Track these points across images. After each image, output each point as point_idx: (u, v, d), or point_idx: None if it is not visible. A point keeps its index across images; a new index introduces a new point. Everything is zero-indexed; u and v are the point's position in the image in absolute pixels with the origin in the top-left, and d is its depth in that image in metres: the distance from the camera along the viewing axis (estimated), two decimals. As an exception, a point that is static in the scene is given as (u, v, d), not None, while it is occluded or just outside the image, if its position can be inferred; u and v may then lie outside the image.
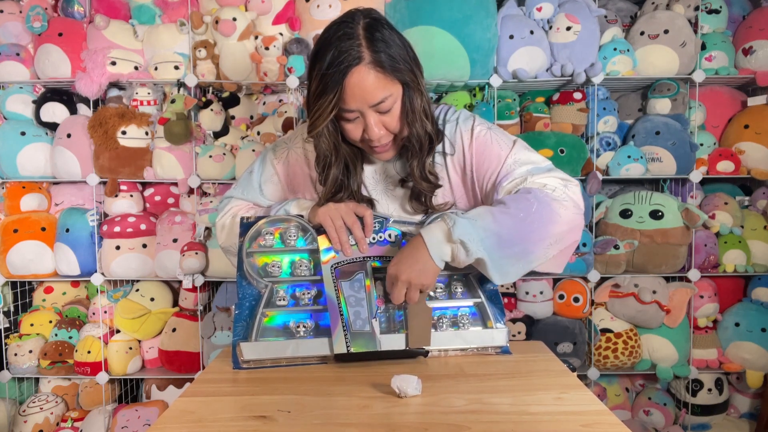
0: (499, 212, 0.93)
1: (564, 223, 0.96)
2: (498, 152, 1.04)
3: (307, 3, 2.07)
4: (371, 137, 0.98)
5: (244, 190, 1.20)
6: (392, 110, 0.97)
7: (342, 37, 0.92)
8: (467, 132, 1.07)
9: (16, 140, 2.13)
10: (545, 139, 2.10)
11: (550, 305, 2.18)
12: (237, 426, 0.76)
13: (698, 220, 2.03)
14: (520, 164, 1.02)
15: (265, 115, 2.24)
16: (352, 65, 0.91)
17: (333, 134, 1.01)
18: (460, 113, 1.11)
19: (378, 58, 0.92)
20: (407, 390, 0.83)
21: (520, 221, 0.92)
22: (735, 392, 2.28)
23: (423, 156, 1.03)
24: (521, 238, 0.93)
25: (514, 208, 0.93)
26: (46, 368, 2.14)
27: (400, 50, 0.95)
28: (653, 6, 2.20)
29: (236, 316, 1.00)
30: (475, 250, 0.91)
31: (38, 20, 2.09)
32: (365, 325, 0.97)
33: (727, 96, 2.30)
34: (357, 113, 0.96)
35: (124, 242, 2.13)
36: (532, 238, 0.94)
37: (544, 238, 0.95)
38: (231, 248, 1.16)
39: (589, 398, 0.83)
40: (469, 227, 0.91)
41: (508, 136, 1.08)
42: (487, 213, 0.94)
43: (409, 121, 0.99)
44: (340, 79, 0.91)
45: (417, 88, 0.99)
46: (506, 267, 0.94)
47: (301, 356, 0.99)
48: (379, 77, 0.93)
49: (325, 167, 1.05)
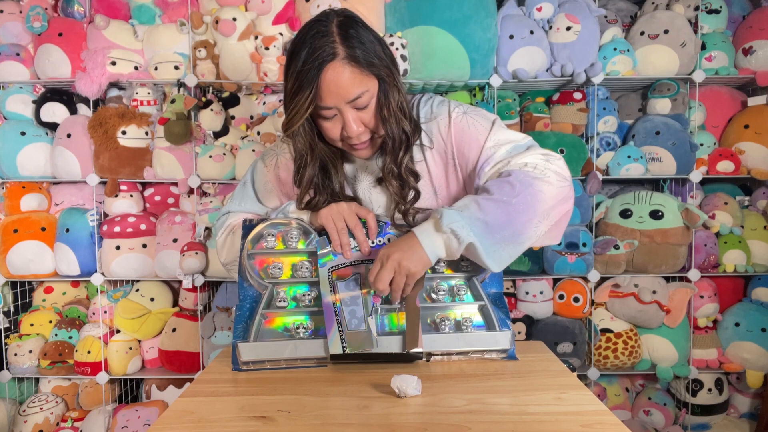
0: (483, 200, 0.94)
1: (549, 199, 0.96)
2: (477, 136, 1.03)
3: (307, 3, 2.07)
4: (350, 134, 0.98)
5: (240, 201, 1.20)
6: (369, 106, 0.97)
7: (315, 35, 0.92)
8: (444, 118, 1.06)
9: (16, 140, 2.13)
10: (545, 139, 2.10)
11: (550, 305, 2.18)
12: (237, 426, 0.76)
13: (698, 220, 2.03)
14: (500, 145, 1.02)
15: (265, 115, 2.24)
16: (326, 61, 0.91)
17: (309, 133, 1.01)
18: (433, 99, 1.10)
19: (353, 53, 0.92)
20: (407, 390, 0.83)
21: (505, 205, 0.92)
22: (735, 392, 2.28)
23: (398, 154, 1.03)
24: (508, 221, 0.93)
25: (497, 194, 0.94)
26: (46, 368, 2.14)
27: (374, 46, 0.95)
28: (653, 6, 2.20)
29: (236, 317, 1.00)
30: (465, 236, 0.91)
31: (38, 20, 2.09)
32: (361, 324, 0.97)
33: (727, 96, 2.30)
34: (335, 110, 0.96)
35: (124, 242, 2.13)
36: (519, 219, 0.93)
37: (531, 218, 0.95)
38: (233, 264, 1.15)
39: (589, 398, 0.83)
40: (457, 216, 0.92)
41: (485, 116, 1.06)
42: (471, 202, 0.94)
43: (384, 118, 0.99)
44: (316, 76, 0.91)
45: (393, 83, 0.98)
46: (499, 252, 0.94)
47: (300, 357, 0.98)
48: (354, 72, 0.93)
49: (300, 167, 1.04)
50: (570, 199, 1.01)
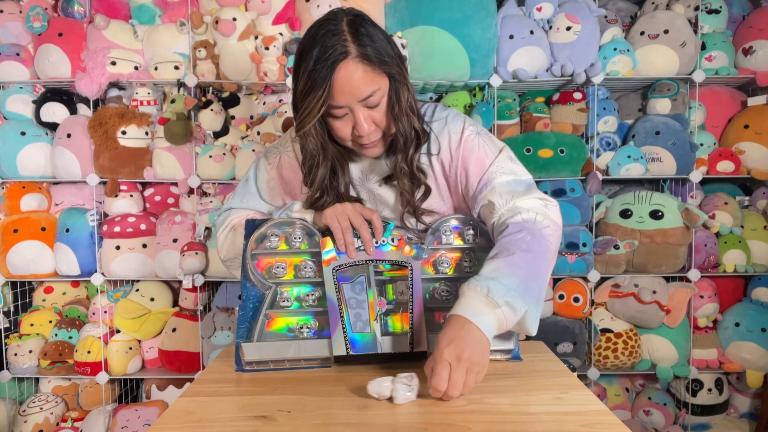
0: (509, 260, 0.90)
1: (555, 249, 0.98)
2: (483, 159, 1.04)
3: (307, 3, 2.07)
4: (361, 133, 0.97)
5: (242, 198, 1.19)
6: (380, 105, 0.97)
7: (326, 34, 0.92)
8: (456, 134, 1.06)
9: (16, 140, 2.13)
10: (545, 139, 2.10)
11: (550, 305, 2.18)
12: (237, 426, 0.76)
13: (698, 220, 2.03)
14: (502, 173, 1.02)
15: (265, 115, 2.24)
16: (339, 60, 0.90)
17: (320, 133, 1.00)
18: (449, 112, 1.10)
19: (364, 51, 0.92)
20: (385, 393, 0.82)
21: (531, 260, 0.91)
22: (735, 392, 2.28)
23: (409, 152, 1.03)
24: (538, 274, 0.92)
25: (517, 250, 0.91)
26: (46, 368, 2.14)
27: (384, 44, 0.95)
28: (653, 6, 2.20)
29: (240, 317, 1.00)
30: (519, 306, 0.86)
31: (38, 20, 2.09)
32: (366, 327, 0.97)
33: (727, 96, 2.30)
34: (346, 109, 0.96)
35: (124, 242, 2.13)
36: (542, 270, 0.94)
37: (550, 267, 0.96)
38: (234, 261, 1.15)
39: (589, 398, 0.83)
40: (500, 286, 0.87)
41: (495, 142, 1.07)
42: (502, 265, 0.90)
43: (396, 116, 0.99)
44: (329, 74, 0.91)
45: (403, 82, 0.99)
46: (539, 310, 0.92)
47: (304, 358, 0.98)
48: (366, 71, 0.93)
49: (312, 168, 1.04)
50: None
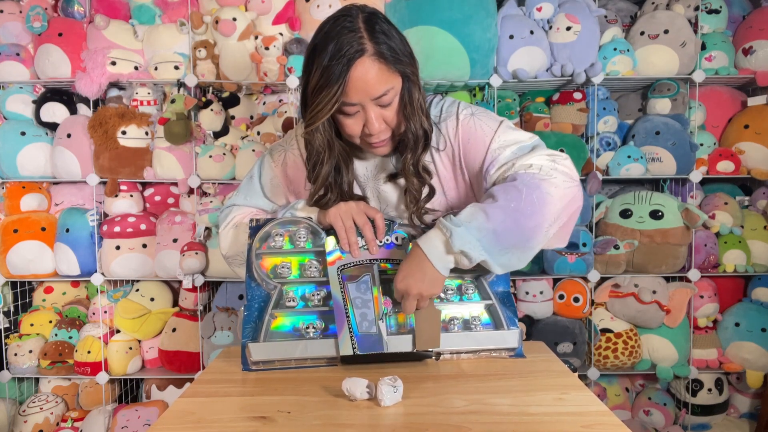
0: (490, 207, 0.91)
1: (557, 200, 0.93)
2: (483, 138, 1.02)
3: (307, 3, 2.07)
4: (371, 131, 0.97)
5: (246, 195, 1.19)
6: (393, 104, 0.97)
7: (342, 30, 0.91)
8: (452, 120, 1.05)
9: (16, 140, 2.13)
10: (545, 139, 2.04)
11: (550, 305, 2.18)
12: (237, 426, 0.76)
13: (698, 220, 2.03)
14: (506, 146, 1.00)
15: (265, 115, 2.24)
16: (355, 57, 0.90)
17: (328, 130, 1.00)
18: (444, 100, 1.10)
19: (380, 49, 0.91)
20: (356, 393, 0.82)
21: (512, 212, 0.90)
22: (735, 392, 2.28)
23: (417, 151, 1.03)
24: (517, 227, 0.91)
25: (503, 200, 0.91)
26: (46, 368, 2.14)
27: (399, 43, 0.95)
28: (653, 6, 2.20)
29: (245, 317, 1.00)
30: (476, 256, 0.90)
31: (38, 20, 2.09)
32: (372, 326, 0.97)
33: (727, 96, 2.30)
34: (358, 107, 0.95)
35: (124, 242, 2.13)
36: (528, 224, 0.91)
37: (540, 223, 0.92)
38: (235, 258, 1.15)
39: (589, 399, 0.83)
40: (466, 234, 0.90)
41: (493, 118, 1.05)
42: (478, 211, 0.92)
43: (407, 115, 0.98)
44: (345, 71, 0.90)
45: (416, 81, 0.98)
46: (508, 259, 0.93)
47: (310, 357, 0.98)
48: (382, 69, 0.92)
49: (316, 164, 1.03)
50: (578, 200, 0.99)
